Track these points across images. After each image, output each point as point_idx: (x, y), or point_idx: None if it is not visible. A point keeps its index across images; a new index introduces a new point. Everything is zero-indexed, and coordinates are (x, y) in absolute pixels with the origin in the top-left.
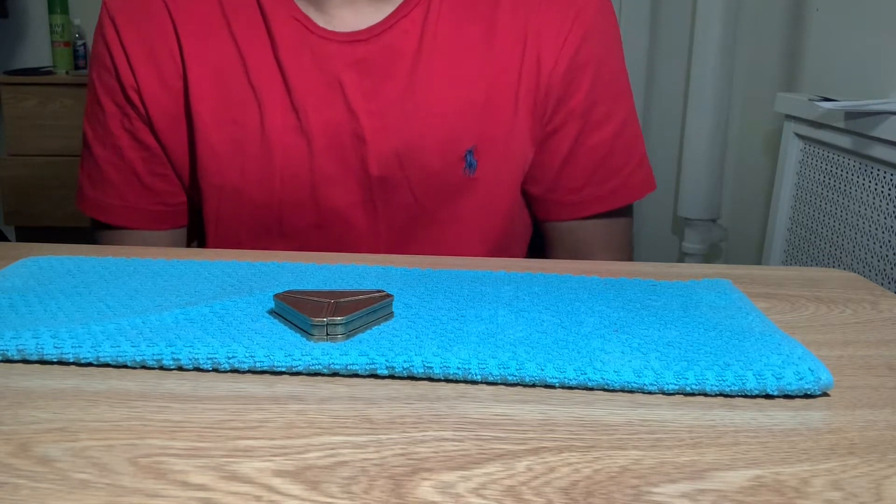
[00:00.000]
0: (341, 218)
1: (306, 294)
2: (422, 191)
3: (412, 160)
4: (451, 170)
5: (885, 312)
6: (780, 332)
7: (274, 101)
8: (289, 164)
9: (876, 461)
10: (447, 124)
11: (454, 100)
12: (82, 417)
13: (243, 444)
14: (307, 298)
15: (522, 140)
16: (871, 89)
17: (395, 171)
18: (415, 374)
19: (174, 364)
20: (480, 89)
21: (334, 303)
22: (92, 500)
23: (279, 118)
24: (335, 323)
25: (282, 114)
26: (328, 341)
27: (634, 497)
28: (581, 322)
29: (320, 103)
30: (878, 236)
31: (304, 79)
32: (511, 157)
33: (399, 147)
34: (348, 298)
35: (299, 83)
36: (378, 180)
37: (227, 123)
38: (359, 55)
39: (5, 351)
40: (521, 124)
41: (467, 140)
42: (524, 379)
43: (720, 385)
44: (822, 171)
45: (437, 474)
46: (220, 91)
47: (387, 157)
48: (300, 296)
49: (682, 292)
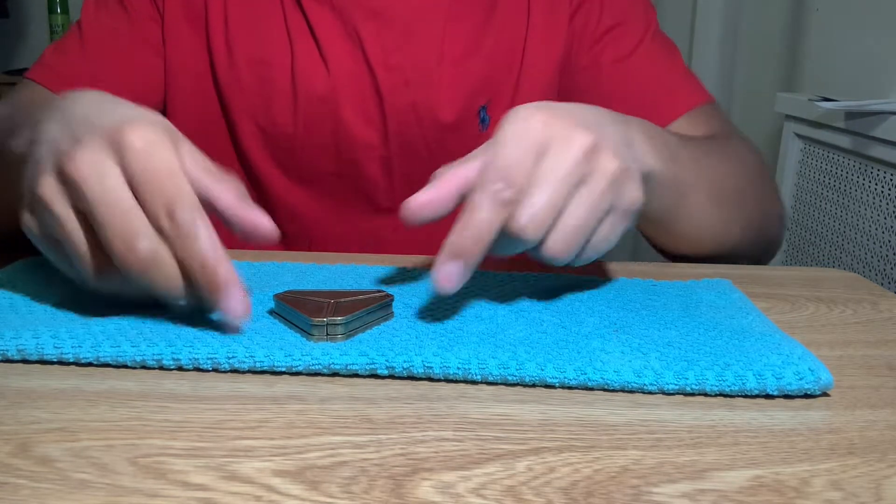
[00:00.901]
0: (359, 168)
1: (306, 294)
2: (437, 147)
3: (428, 116)
4: (466, 126)
5: (885, 312)
6: (780, 332)
7: (305, 47)
8: (311, 109)
9: (876, 461)
10: (462, 81)
11: (468, 56)
12: (82, 417)
13: (243, 444)
14: (307, 298)
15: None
16: (871, 89)
17: (411, 127)
18: (415, 374)
19: (174, 364)
20: (489, 45)
21: (334, 303)
22: (92, 500)
23: (310, 65)
24: (335, 323)
25: (313, 62)
26: (328, 341)
27: (634, 497)
28: (581, 322)
29: (343, 55)
30: (878, 236)
31: (328, 29)
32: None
33: (416, 103)
34: (348, 298)
35: (323, 33)
36: (395, 135)
37: (256, 63)
38: (377, 8)
39: (5, 351)
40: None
41: (481, 96)
42: (524, 379)
43: (720, 385)
44: (822, 171)
45: (437, 474)
46: (257, 35)
47: (404, 113)
48: (300, 296)
49: (682, 292)
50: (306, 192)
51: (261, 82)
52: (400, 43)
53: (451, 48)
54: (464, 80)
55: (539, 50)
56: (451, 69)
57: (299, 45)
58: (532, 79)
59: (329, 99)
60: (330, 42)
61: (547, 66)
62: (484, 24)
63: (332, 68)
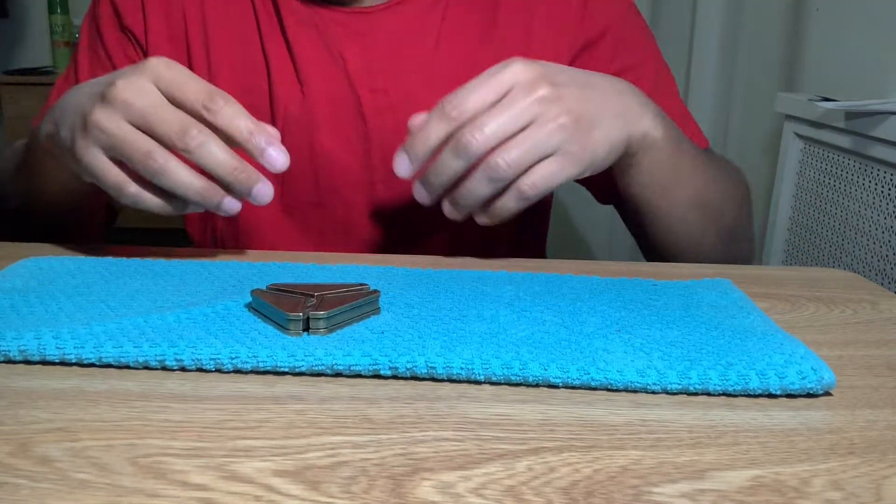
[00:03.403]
0: (340, 197)
1: (284, 289)
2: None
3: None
4: None
5: (885, 312)
6: (781, 331)
7: (282, 70)
8: (290, 135)
9: (876, 461)
10: None
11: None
12: (82, 417)
13: (243, 444)
14: (285, 293)
15: None
16: (871, 89)
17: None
18: (418, 375)
19: (177, 365)
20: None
21: (318, 296)
22: (92, 500)
23: (285, 89)
24: (318, 317)
25: (288, 84)
26: (311, 335)
27: (634, 497)
28: (583, 322)
29: (323, 77)
30: (878, 236)
31: (309, 51)
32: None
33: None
34: (331, 293)
35: (304, 54)
36: (379, 162)
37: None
38: (363, 30)
39: (7, 352)
40: None
41: None
42: (528, 379)
43: (723, 385)
44: (822, 171)
45: (437, 474)
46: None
47: (388, 137)
48: (280, 290)
49: (683, 292)
50: (288, 224)
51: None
52: (385, 65)
53: (442, 71)
54: None
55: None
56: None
57: (276, 67)
58: None
59: (305, 122)
60: (309, 64)
61: None
62: (479, 48)
63: (309, 90)
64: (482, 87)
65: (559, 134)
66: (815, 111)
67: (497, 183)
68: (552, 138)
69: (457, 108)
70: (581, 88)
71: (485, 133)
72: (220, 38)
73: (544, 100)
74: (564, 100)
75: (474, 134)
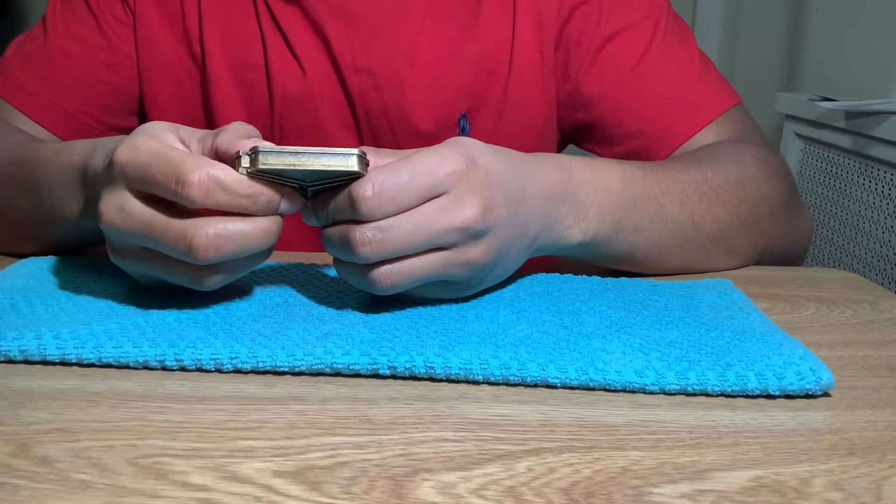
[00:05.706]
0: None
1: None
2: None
3: (402, 124)
4: (447, 135)
5: (885, 313)
6: (780, 332)
7: (277, 49)
8: (287, 111)
9: (876, 461)
10: (439, 87)
11: (446, 61)
12: (83, 418)
13: (243, 445)
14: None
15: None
16: (871, 89)
17: (385, 135)
18: (416, 374)
19: (177, 365)
20: (472, 50)
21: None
22: (92, 500)
23: (281, 63)
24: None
25: (284, 60)
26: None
27: (635, 497)
28: (582, 322)
29: (313, 54)
30: (878, 236)
31: (296, 28)
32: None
33: (388, 109)
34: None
35: (292, 31)
36: (370, 143)
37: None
38: (345, 6)
39: (7, 352)
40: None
41: (461, 104)
42: (526, 379)
43: (722, 385)
44: (822, 171)
45: (437, 475)
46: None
47: (376, 119)
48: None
49: (683, 292)
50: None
51: (238, 82)
52: (368, 44)
53: (427, 52)
54: (441, 86)
55: (528, 58)
56: (425, 74)
57: (271, 44)
58: (522, 87)
59: (305, 100)
60: (300, 41)
61: (538, 74)
62: (466, 28)
63: (306, 68)
64: (407, 190)
65: (459, 272)
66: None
67: (365, 272)
68: (450, 273)
69: (373, 210)
70: (510, 207)
71: (383, 251)
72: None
73: (466, 231)
74: (487, 238)
75: (374, 248)
